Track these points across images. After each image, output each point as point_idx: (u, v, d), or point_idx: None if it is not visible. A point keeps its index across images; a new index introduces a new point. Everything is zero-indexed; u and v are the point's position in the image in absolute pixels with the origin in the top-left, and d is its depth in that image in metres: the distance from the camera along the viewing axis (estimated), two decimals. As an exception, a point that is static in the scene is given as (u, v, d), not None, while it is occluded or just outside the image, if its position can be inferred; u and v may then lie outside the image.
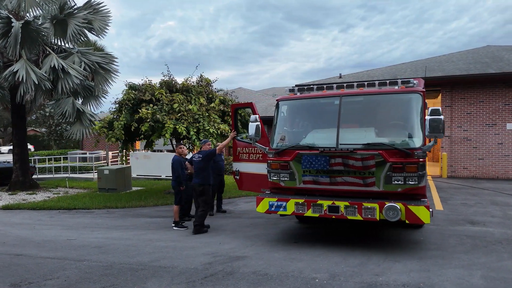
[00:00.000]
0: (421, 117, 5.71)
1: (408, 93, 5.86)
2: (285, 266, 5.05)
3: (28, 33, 11.59)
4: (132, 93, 10.74)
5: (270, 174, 6.32)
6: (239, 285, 4.48)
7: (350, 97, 6.13)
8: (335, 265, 5.02)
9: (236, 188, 12.76)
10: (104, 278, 4.92)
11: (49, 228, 8.23)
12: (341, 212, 5.54)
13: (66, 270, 5.29)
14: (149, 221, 8.73)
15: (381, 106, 6.13)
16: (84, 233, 7.59)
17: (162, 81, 11.57)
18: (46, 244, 6.81)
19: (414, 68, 18.75)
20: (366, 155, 5.58)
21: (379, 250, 5.62)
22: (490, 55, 19.71)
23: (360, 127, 6.19)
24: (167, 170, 17.54)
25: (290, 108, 6.73)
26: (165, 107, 10.38)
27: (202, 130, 10.46)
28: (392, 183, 5.49)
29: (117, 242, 6.74)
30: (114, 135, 10.56)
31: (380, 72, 18.78)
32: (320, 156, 5.84)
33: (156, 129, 10.34)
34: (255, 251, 5.86)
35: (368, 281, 4.43)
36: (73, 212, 10.27)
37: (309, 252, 5.63)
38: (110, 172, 13.73)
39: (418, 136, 5.61)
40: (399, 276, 4.56)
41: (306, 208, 5.77)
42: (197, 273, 4.94)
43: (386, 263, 5.04)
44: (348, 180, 5.73)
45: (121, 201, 11.39)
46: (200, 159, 7.29)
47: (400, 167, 5.44)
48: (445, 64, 18.75)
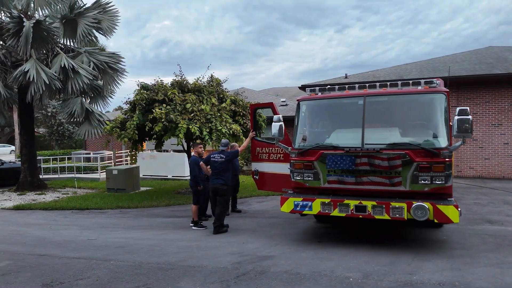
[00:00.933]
0: (446, 117, 5.75)
1: (433, 93, 5.91)
2: (315, 266, 5.08)
3: (39, 33, 11.55)
4: (145, 93, 10.73)
5: (293, 174, 6.35)
6: (273, 284, 4.51)
7: (374, 97, 6.16)
8: (366, 264, 5.05)
9: (247, 188, 12.87)
10: (135, 277, 4.92)
11: (66, 228, 8.21)
12: (368, 212, 5.58)
13: (95, 270, 5.29)
14: (165, 221, 8.73)
15: (405, 106, 6.17)
16: (103, 233, 7.58)
17: (173, 81, 11.56)
18: (67, 244, 6.79)
19: (419, 68, 18.85)
20: (393, 155, 5.62)
21: (406, 249, 5.67)
22: (494, 55, 19.83)
23: (383, 127, 6.23)
24: (173, 170, 17.64)
25: (312, 108, 6.76)
26: (178, 107, 10.38)
27: (214, 130, 10.47)
28: (418, 182, 5.53)
29: (139, 242, 6.74)
30: (126, 135, 10.55)
31: (385, 72, 18.86)
32: (345, 156, 5.87)
33: (169, 129, 10.33)
34: (281, 250, 5.89)
35: (402, 280, 4.47)
36: (86, 212, 10.24)
37: (336, 252, 5.67)
38: (119, 172, 13.70)
39: (443, 136, 5.66)
40: (432, 275, 4.60)
41: (332, 208, 5.80)
42: (228, 273, 4.96)
43: (415, 262, 5.08)
44: (374, 179, 5.77)
45: (132, 201, 11.37)
46: (223, 160, 7.28)
47: (427, 167, 5.48)
48: (450, 65, 18.83)
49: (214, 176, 7.39)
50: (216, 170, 7.33)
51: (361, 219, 5.85)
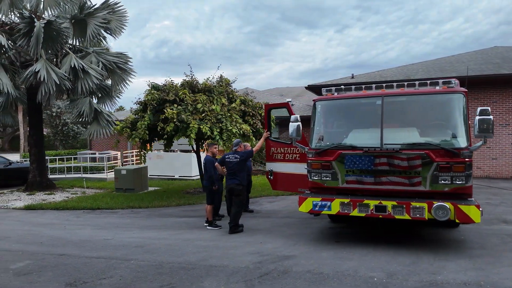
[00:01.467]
0: (465, 117, 5.76)
1: (452, 93, 5.92)
2: (337, 265, 5.09)
3: (49, 33, 11.57)
4: (156, 93, 10.75)
5: (310, 174, 6.36)
6: (298, 284, 4.52)
7: (392, 97, 6.17)
8: (387, 264, 5.06)
9: (256, 188, 12.87)
10: (158, 277, 4.94)
11: (80, 228, 8.23)
12: (388, 212, 5.59)
13: (116, 269, 5.30)
14: (178, 221, 8.74)
15: (423, 106, 6.17)
16: (118, 233, 7.60)
17: (183, 81, 11.58)
18: (84, 244, 6.81)
19: (425, 68, 18.85)
20: (412, 155, 5.63)
21: (425, 249, 5.68)
22: (500, 55, 19.82)
23: (401, 127, 6.23)
24: (180, 170, 17.65)
25: (329, 108, 6.76)
26: (189, 108, 10.40)
27: (225, 130, 10.48)
28: (439, 182, 5.54)
29: (156, 242, 6.75)
30: (137, 135, 10.57)
31: (391, 72, 18.85)
32: (364, 156, 5.89)
33: (180, 129, 10.35)
34: (300, 250, 5.90)
35: (427, 280, 4.48)
36: (98, 212, 10.26)
37: (355, 251, 5.68)
38: (127, 172, 13.73)
39: (463, 136, 5.66)
40: (456, 275, 4.61)
41: (352, 208, 5.81)
42: (251, 272, 4.97)
43: (437, 262, 5.09)
44: (393, 179, 5.78)
45: (143, 201, 11.39)
46: (238, 160, 7.30)
47: (448, 166, 5.49)
48: (456, 65, 18.85)
49: (230, 176, 7.40)
50: (232, 170, 7.34)
51: (377, 219, 5.86)
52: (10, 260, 5.91)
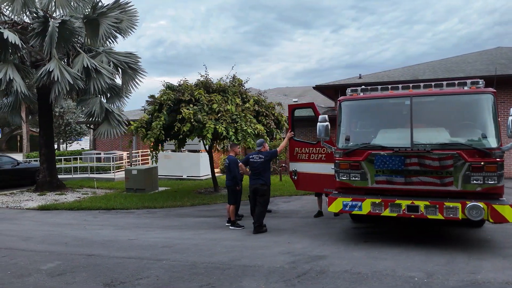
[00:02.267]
0: (495, 116, 5.79)
1: (482, 93, 5.95)
2: (373, 265, 5.10)
3: (62, 33, 11.52)
4: (171, 93, 10.74)
5: (338, 174, 6.37)
6: (339, 284, 4.53)
7: (421, 97, 6.19)
8: (424, 264, 5.08)
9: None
10: (195, 277, 4.93)
11: (101, 228, 8.20)
12: (421, 212, 5.61)
13: (150, 269, 5.29)
14: (197, 221, 8.73)
15: (453, 107, 6.19)
16: (140, 233, 7.57)
17: (198, 81, 11.58)
18: (110, 244, 6.78)
19: (432, 69, 18.92)
20: (444, 155, 5.65)
21: (457, 249, 5.70)
22: (505, 56, 19.94)
23: (429, 127, 6.25)
24: (188, 170, 17.63)
25: (355, 108, 6.77)
26: (205, 108, 10.39)
27: (240, 130, 10.48)
28: (471, 182, 5.57)
29: (182, 242, 6.74)
30: (153, 135, 10.56)
31: (398, 73, 18.91)
32: (394, 156, 5.90)
33: (196, 129, 10.34)
34: (330, 250, 5.90)
35: (467, 279, 4.50)
36: (114, 213, 10.23)
37: (387, 251, 5.69)
38: (138, 172, 13.69)
39: (494, 136, 5.70)
40: (495, 274, 4.63)
41: (383, 208, 5.82)
42: (287, 272, 4.97)
43: (472, 262, 5.11)
44: (424, 179, 5.80)
45: (156, 201, 11.37)
46: (263, 160, 7.30)
47: (480, 166, 5.52)
48: (462, 65, 18.93)
49: (254, 176, 7.41)
50: (256, 170, 7.34)
51: (399, 219, 5.85)
52: (39, 260, 5.88)
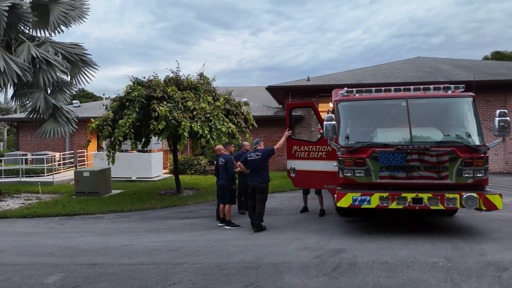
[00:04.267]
0: (477, 117, 6.60)
1: (465, 97, 6.73)
2: (393, 255, 5.46)
3: (10, 18, 10.16)
4: (142, 89, 10.14)
5: (343, 170, 6.67)
6: (377, 273, 4.78)
7: (415, 99, 6.78)
8: (435, 250, 5.59)
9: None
10: (232, 277, 4.80)
11: (81, 236, 7.46)
12: (425, 203, 6.16)
13: (176, 274, 5.02)
14: (184, 222, 8.40)
15: (442, 108, 6.88)
16: (132, 239, 7.07)
17: (167, 77, 11.09)
18: (106, 251, 6.23)
19: (371, 73, 20.50)
20: (441, 152, 6.27)
21: (453, 236, 6.36)
22: (427, 65, 22.43)
23: (422, 126, 6.86)
24: (139, 171, 16.72)
25: (353, 108, 7.14)
26: (180, 105, 10.03)
27: (214, 129, 10.33)
28: (463, 175, 6.26)
29: (187, 245, 6.46)
30: (120, 133, 9.86)
31: (342, 76, 20.16)
32: (397, 153, 6.38)
33: (169, 127, 9.91)
34: (344, 243, 6.14)
35: (482, 260, 5.09)
36: (78, 218, 9.34)
37: (395, 241, 6.12)
38: (91, 174, 12.65)
39: (479, 134, 6.48)
40: (500, 254, 5.30)
41: (390, 201, 6.26)
42: (321, 266, 5.10)
43: (474, 246, 5.76)
44: (423, 174, 6.37)
45: (121, 204, 10.65)
46: (261, 157, 7.33)
47: (470, 162, 6.24)
48: (395, 72, 20.86)
49: (253, 174, 7.39)
50: (255, 168, 7.34)
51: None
52: (35, 274, 5.20)
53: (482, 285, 4.32)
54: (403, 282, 4.49)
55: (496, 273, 4.66)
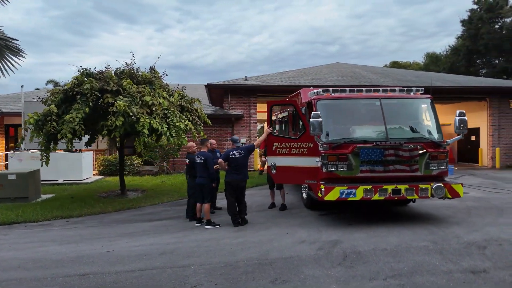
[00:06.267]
0: (436, 116, 7.48)
1: (426, 98, 7.59)
2: (386, 242, 5.90)
3: None
4: (95, 81, 9.22)
5: (326, 165, 6.97)
6: (385, 260, 5.13)
7: (387, 99, 7.41)
8: (418, 236, 6.19)
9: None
10: (253, 275, 4.73)
11: (40, 246, 6.50)
12: (402, 194, 6.77)
13: (191, 277, 4.76)
14: (154, 225, 7.87)
15: (408, 107, 7.63)
16: (106, 245, 6.41)
17: (118, 70, 10.26)
18: (88, 260, 5.56)
19: (301, 75, 21.54)
20: (412, 147, 6.97)
21: (425, 222, 7.10)
22: (348, 70, 24.40)
23: (391, 124, 7.50)
24: (67, 173, 15.11)
25: (332, 106, 7.49)
26: (137, 100, 9.37)
27: (172, 126, 9.89)
28: (429, 168, 7.04)
29: (178, 246, 6.10)
30: (68, 129, 8.84)
31: (277, 77, 20.80)
32: (376, 148, 6.91)
33: (126, 124, 9.18)
34: (335, 235, 6.40)
35: (462, 241, 5.81)
36: (21, 227, 8.13)
37: (379, 230, 6.61)
38: (18, 177, 11.08)
39: (439, 131, 7.35)
40: (471, 235, 6.10)
41: (373, 193, 6.74)
42: (329, 258, 5.28)
43: (443, 229, 6.52)
44: (398, 167, 7.00)
45: (65, 209, 9.54)
46: (243, 155, 7.27)
47: (435, 156, 7.05)
48: (322, 75, 22.25)
49: (234, 172, 7.30)
50: (238, 165, 7.27)
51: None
52: (19, 291, 4.45)
53: (476, 262, 4.95)
54: (413, 265, 4.90)
55: (479, 251, 5.37)
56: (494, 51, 30.49)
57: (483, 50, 30.76)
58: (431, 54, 42.33)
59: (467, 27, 31.92)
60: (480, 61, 33.36)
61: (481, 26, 30.52)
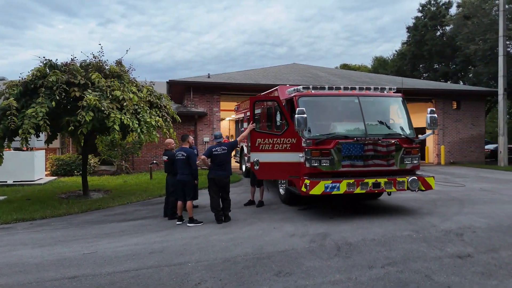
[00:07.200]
0: (408, 113, 7.93)
1: (398, 96, 8.02)
2: (373, 233, 6.13)
3: None
4: (60, 74, 8.61)
5: (310, 161, 7.12)
6: (377, 249, 5.34)
7: (365, 97, 7.73)
8: (399, 226, 6.53)
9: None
10: (255, 269, 4.72)
11: (10, 250, 5.95)
12: (382, 187, 7.09)
13: (192, 274, 4.65)
14: (131, 224, 7.52)
15: (383, 105, 7.99)
16: (86, 246, 6.03)
17: (83, 62, 9.67)
18: (72, 262, 5.21)
19: (263, 75, 21.71)
20: (389, 142, 7.33)
21: (401, 213, 7.48)
22: (306, 71, 25.04)
23: (369, 121, 7.81)
24: (16, 173, 14.04)
25: (313, 103, 7.63)
26: (107, 94, 8.90)
27: (143, 122, 9.55)
28: (404, 162, 7.45)
29: (166, 245, 5.90)
30: (30, 125, 8.19)
31: (240, 75, 20.79)
32: (356, 143, 7.18)
33: (94, 119, 8.70)
34: (322, 228, 6.52)
35: (443, 229, 6.23)
36: (-22, 231, 7.40)
37: (362, 222, 6.86)
38: (-35, 177, 10.08)
39: (411, 128, 7.80)
40: (445, 224, 6.55)
41: (355, 186, 6.98)
42: (323, 250, 5.40)
43: (423, 219, 6.93)
44: (376, 162, 7.32)
45: (23, 212, 8.82)
46: (226, 152, 7.20)
47: (409, 151, 7.48)
48: (282, 75, 22.61)
49: (217, 168, 7.21)
50: (221, 162, 7.19)
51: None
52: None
53: (459, 248, 5.32)
54: (404, 253, 5.16)
55: (458, 238, 5.78)
56: (436, 56, 32.86)
57: (427, 55, 33.04)
58: (379, 58, 44.66)
59: (413, 33, 34.09)
60: (423, 65, 35.77)
61: (425, 33, 32.76)
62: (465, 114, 21.24)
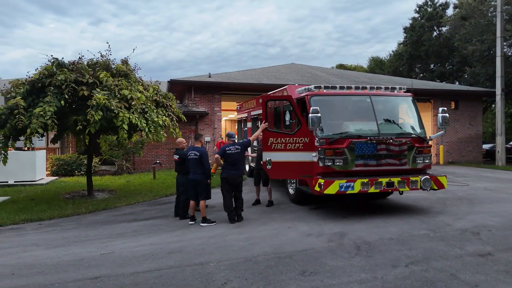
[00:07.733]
0: (418, 112, 7.97)
1: (409, 96, 8.05)
2: (389, 232, 6.15)
3: None
4: (68, 73, 8.52)
5: (324, 160, 7.12)
6: (396, 248, 5.36)
7: (377, 97, 7.74)
8: (413, 225, 6.55)
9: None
10: (279, 268, 4.70)
11: (23, 251, 5.86)
12: (395, 186, 7.11)
13: (216, 273, 4.61)
14: (144, 224, 7.46)
15: (394, 104, 8.02)
16: (101, 247, 5.96)
17: (90, 61, 9.58)
18: (91, 262, 5.14)
19: (263, 75, 21.71)
20: (402, 142, 7.35)
21: (413, 213, 7.51)
22: (305, 71, 25.07)
23: (381, 120, 7.82)
24: (17, 173, 13.89)
25: (325, 102, 7.62)
26: (116, 93, 8.83)
27: (151, 121, 9.49)
28: (416, 161, 7.48)
29: (183, 245, 5.86)
30: (38, 124, 8.09)
31: (240, 75, 20.76)
32: (370, 143, 7.19)
33: (103, 119, 8.61)
34: (337, 228, 6.52)
35: (456, 227, 6.25)
36: (-13, 232, 7.30)
37: (375, 221, 6.87)
38: (-31, 177, 9.93)
39: (422, 127, 7.83)
40: (459, 223, 6.58)
41: (370, 186, 6.99)
42: (343, 249, 5.40)
43: (436, 218, 6.96)
44: (389, 161, 7.34)
45: (30, 212, 8.72)
46: (240, 151, 7.17)
47: (421, 150, 7.51)
48: (281, 75, 22.62)
49: (230, 168, 7.18)
50: (234, 161, 7.16)
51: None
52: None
53: (478, 246, 5.35)
54: (424, 252, 5.18)
55: (475, 237, 5.81)
56: (433, 57, 33.07)
57: (424, 55, 33.24)
58: (375, 58, 44.84)
59: (409, 34, 34.28)
60: (420, 65, 36.00)
61: (422, 33, 32.97)
62: (463, 114, 21.40)
